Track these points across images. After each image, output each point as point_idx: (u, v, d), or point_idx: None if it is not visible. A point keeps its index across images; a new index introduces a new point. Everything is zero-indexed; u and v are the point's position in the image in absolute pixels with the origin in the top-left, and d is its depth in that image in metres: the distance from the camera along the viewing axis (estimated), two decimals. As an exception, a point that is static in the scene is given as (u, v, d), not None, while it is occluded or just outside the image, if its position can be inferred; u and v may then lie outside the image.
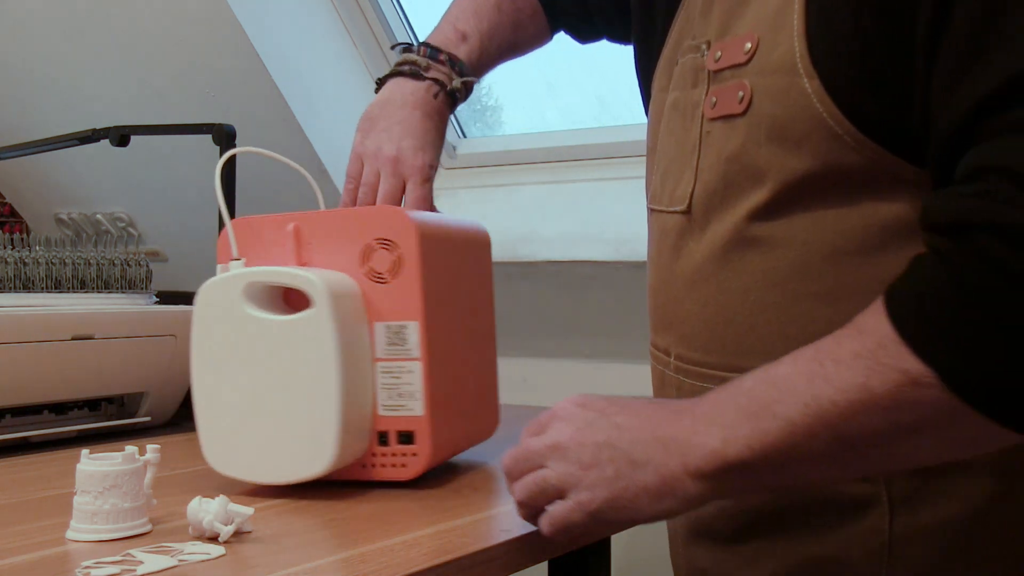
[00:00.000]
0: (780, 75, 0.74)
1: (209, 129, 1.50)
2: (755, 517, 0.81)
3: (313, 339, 0.89)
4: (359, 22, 2.20)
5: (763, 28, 0.76)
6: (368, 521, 0.83)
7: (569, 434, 0.74)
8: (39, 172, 2.45)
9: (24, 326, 1.17)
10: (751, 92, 0.76)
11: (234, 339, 0.91)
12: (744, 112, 0.77)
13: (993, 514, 0.74)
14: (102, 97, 2.25)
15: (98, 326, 1.23)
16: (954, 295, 0.62)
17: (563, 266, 1.90)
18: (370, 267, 0.93)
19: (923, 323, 0.63)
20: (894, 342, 0.63)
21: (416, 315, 0.92)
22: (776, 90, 0.74)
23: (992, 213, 0.62)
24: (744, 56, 0.77)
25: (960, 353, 0.62)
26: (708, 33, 0.83)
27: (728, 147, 0.79)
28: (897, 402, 0.63)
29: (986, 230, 0.62)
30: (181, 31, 2.06)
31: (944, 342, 0.62)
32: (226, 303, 0.91)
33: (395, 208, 0.99)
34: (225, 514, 0.75)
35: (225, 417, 0.92)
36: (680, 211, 0.84)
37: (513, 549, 0.78)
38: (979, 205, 0.62)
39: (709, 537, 0.86)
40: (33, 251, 1.32)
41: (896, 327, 0.64)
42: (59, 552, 0.74)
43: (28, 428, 1.21)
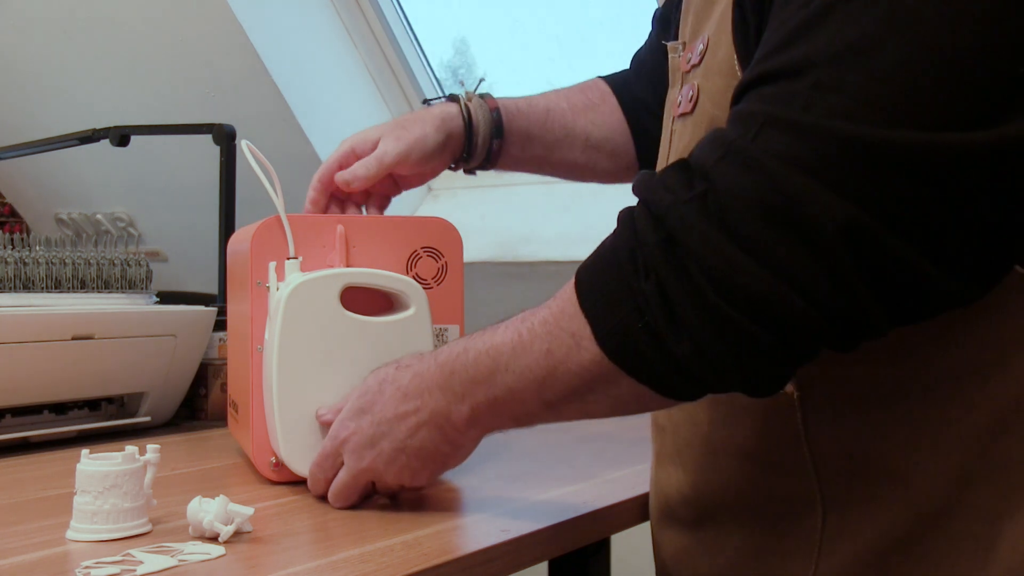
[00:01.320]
0: (720, 76, 0.75)
1: (209, 129, 1.50)
2: (713, 506, 0.82)
3: (412, 339, 0.91)
4: (359, 22, 2.20)
5: (713, 30, 0.77)
6: (368, 521, 0.83)
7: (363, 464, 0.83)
8: (39, 172, 2.45)
9: (24, 326, 1.17)
10: (698, 91, 0.79)
11: (327, 339, 0.90)
12: (692, 111, 0.79)
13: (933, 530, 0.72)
14: (102, 97, 2.25)
15: (98, 326, 1.23)
16: (611, 261, 0.68)
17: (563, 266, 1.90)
18: (416, 273, 0.96)
19: (587, 288, 0.70)
20: (572, 304, 0.70)
21: (457, 319, 0.97)
22: (716, 90, 0.76)
23: (647, 191, 0.68)
24: (699, 57, 0.79)
25: (607, 312, 0.68)
26: (685, 34, 0.85)
27: (680, 145, 0.81)
28: (568, 365, 0.70)
29: (642, 205, 0.68)
30: (181, 31, 2.06)
31: (596, 302, 0.69)
32: (321, 303, 0.90)
33: (442, 220, 1.00)
34: (225, 514, 0.75)
35: (310, 416, 0.90)
36: None
37: (513, 549, 0.78)
38: (646, 183, 0.69)
39: (675, 521, 0.87)
40: (33, 251, 1.32)
41: (576, 290, 0.70)
42: (59, 552, 0.74)
43: (28, 428, 1.21)
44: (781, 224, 0.62)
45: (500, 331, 0.76)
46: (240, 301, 1.01)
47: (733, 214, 0.63)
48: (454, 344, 0.79)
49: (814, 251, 0.61)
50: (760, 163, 0.63)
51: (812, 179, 0.61)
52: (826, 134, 0.61)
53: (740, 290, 0.63)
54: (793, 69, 0.64)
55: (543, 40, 2.34)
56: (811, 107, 0.62)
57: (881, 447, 0.72)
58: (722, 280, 0.63)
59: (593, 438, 1.22)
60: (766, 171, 0.62)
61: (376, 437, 0.82)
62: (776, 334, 0.64)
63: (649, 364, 0.67)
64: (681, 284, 0.64)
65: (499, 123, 1.07)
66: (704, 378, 0.67)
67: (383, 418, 0.81)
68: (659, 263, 0.65)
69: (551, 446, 1.15)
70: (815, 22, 0.64)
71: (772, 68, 0.65)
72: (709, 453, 0.82)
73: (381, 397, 0.82)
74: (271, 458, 0.93)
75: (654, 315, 0.65)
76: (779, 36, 0.66)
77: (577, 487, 0.96)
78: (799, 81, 0.63)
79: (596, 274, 0.70)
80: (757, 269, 0.62)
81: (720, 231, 0.63)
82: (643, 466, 1.02)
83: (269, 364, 0.90)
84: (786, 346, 0.65)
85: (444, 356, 0.79)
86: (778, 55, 0.65)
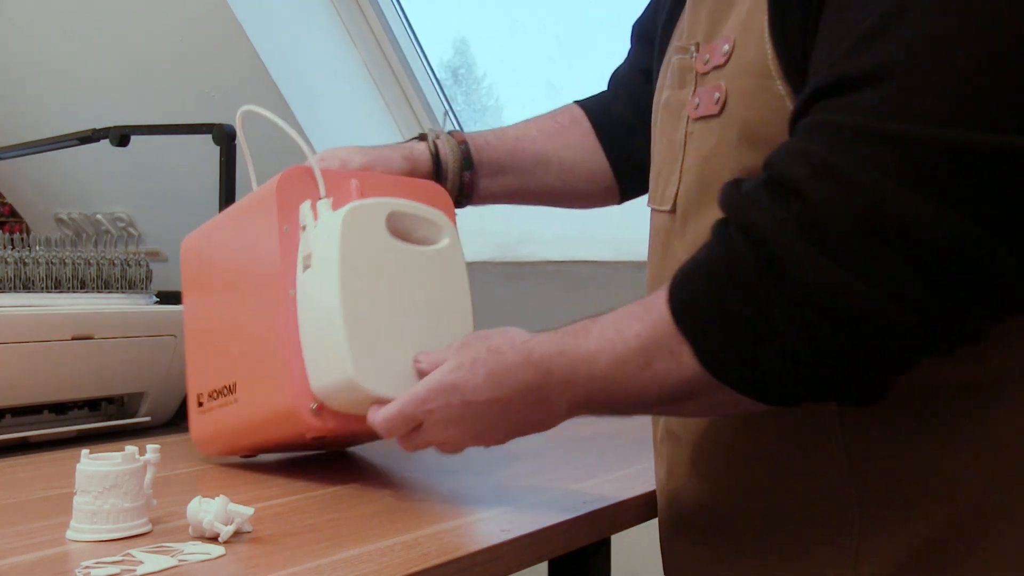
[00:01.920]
0: (752, 77, 0.74)
1: (209, 129, 1.50)
2: (737, 516, 0.82)
3: (449, 269, 0.96)
4: (359, 22, 2.20)
5: (739, 30, 0.76)
6: (368, 521, 0.83)
7: (446, 434, 0.84)
8: (39, 172, 2.45)
9: (24, 326, 1.17)
10: (726, 93, 0.77)
11: (377, 262, 0.92)
12: (719, 113, 0.78)
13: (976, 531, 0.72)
14: (102, 97, 2.25)
15: (98, 326, 1.23)
16: (708, 281, 0.69)
17: (563, 266, 1.90)
18: None
19: (684, 307, 0.70)
20: (667, 322, 0.71)
21: None
22: (748, 92, 0.75)
23: (740, 211, 0.67)
24: (723, 58, 0.78)
25: (707, 333, 0.69)
26: (697, 35, 0.84)
27: (704, 148, 0.80)
28: (668, 379, 0.72)
29: (736, 226, 0.67)
30: (181, 31, 2.06)
31: (696, 323, 0.70)
32: (372, 226, 0.92)
33: (435, 185, 1.03)
34: (225, 514, 0.75)
35: (376, 334, 0.90)
36: (667, 210, 0.85)
37: (513, 549, 0.78)
38: (736, 201, 0.68)
39: (691, 532, 0.86)
40: (33, 251, 1.32)
41: (670, 306, 0.71)
42: (59, 552, 0.74)
43: (28, 428, 1.21)
44: (885, 240, 0.61)
45: (593, 339, 0.76)
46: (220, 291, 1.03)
47: (833, 233, 0.62)
48: (544, 341, 0.79)
49: (922, 266, 0.61)
50: (856, 179, 0.62)
51: (912, 191, 0.60)
52: (919, 142, 0.60)
53: (845, 310, 0.63)
54: (873, 74, 0.62)
55: (543, 40, 2.34)
56: (898, 114, 0.61)
57: (924, 450, 0.72)
58: (826, 300, 0.63)
59: (593, 438, 1.22)
60: (863, 187, 0.61)
61: (465, 416, 0.82)
62: (884, 350, 0.64)
63: (751, 379, 0.69)
64: (785, 307, 0.64)
65: (467, 155, 1.07)
66: (806, 392, 0.69)
67: (475, 400, 0.81)
68: (759, 285, 0.65)
69: (551, 446, 1.15)
70: (890, 23, 0.62)
71: (848, 74, 0.64)
72: (735, 462, 0.82)
73: (474, 377, 0.81)
74: (311, 404, 0.91)
75: (756, 335, 0.66)
76: (850, 39, 0.64)
77: (577, 487, 0.96)
78: (882, 87, 0.62)
79: (692, 292, 0.70)
80: (863, 287, 0.62)
81: (821, 251, 0.63)
82: (643, 466, 1.02)
83: (324, 290, 0.89)
84: (893, 360, 0.65)
85: (538, 355, 0.78)
86: (852, 60, 0.64)
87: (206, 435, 1.06)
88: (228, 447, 1.06)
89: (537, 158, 1.11)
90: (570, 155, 1.12)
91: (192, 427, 1.07)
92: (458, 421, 0.83)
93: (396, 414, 0.85)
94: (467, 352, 0.83)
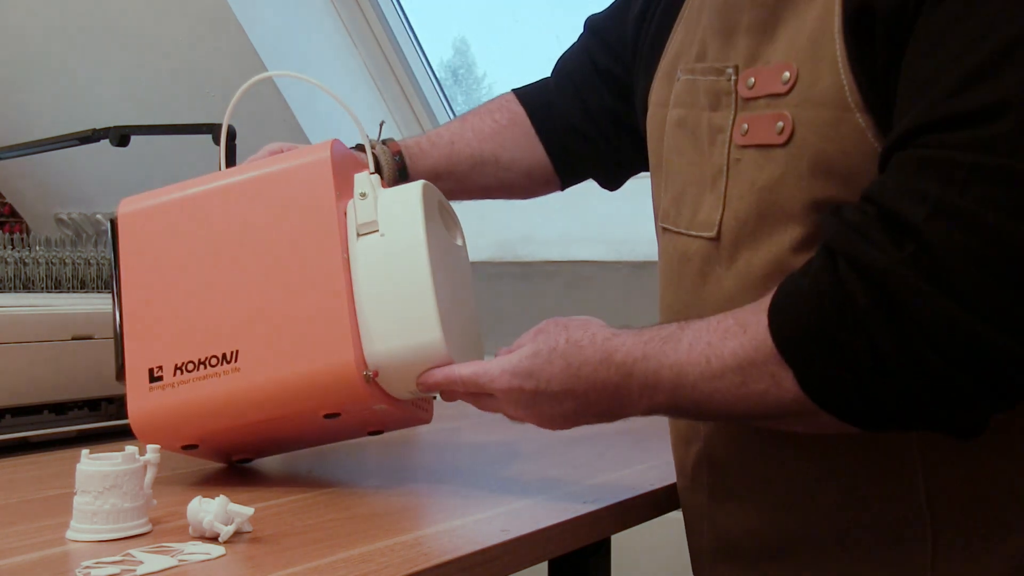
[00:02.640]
0: (827, 108, 0.73)
1: (209, 129, 1.50)
2: (794, 541, 0.81)
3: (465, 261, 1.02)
4: (359, 22, 2.20)
5: (801, 57, 0.75)
6: (368, 521, 0.83)
7: (515, 411, 0.85)
8: (39, 172, 2.45)
9: (24, 326, 1.16)
10: (792, 123, 0.76)
11: (433, 239, 0.93)
12: (785, 143, 0.76)
13: None
14: (102, 97, 2.25)
15: (98, 326, 1.23)
16: (815, 311, 0.69)
17: (563, 266, 1.90)
18: None
19: (789, 333, 0.70)
20: (768, 346, 0.71)
21: None
22: (823, 123, 0.74)
23: (850, 245, 0.67)
24: (783, 86, 0.76)
25: (812, 364, 0.70)
26: (733, 57, 0.81)
27: (762, 177, 0.78)
28: (766, 400, 0.73)
29: (846, 260, 0.67)
30: (181, 31, 2.06)
31: (801, 353, 0.70)
32: (433, 205, 0.96)
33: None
34: (225, 514, 0.75)
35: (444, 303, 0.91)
36: (707, 237, 0.83)
37: (513, 549, 0.78)
38: (845, 234, 0.68)
39: (736, 557, 0.86)
40: (33, 251, 1.32)
41: (771, 330, 0.71)
42: (59, 552, 0.74)
43: (28, 428, 1.21)
44: (1003, 280, 0.62)
45: (684, 348, 0.76)
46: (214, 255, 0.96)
47: (955, 274, 0.63)
48: (628, 342, 0.79)
49: None
50: (977, 219, 0.62)
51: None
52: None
53: (964, 350, 0.63)
54: (988, 111, 0.62)
55: (544, 39, 2.34)
56: (1019, 151, 0.61)
57: (1004, 475, 0.73)
58: (946, 342, 0.64)
59: (593, 438, 1.22)
60: (984, 227, 0.62)
61: (535, 402, 0.83)
62: (999, 389, 0.65)
63: (854, 408, 0.70)
64: (900, 344, 0.65)
65: (402, 166, 1.08)
66: (912, 421, 0.70)
67: (549, 389, 0.82)
68: (874, 324, 0.66)
69: (551, 446, 1.15)
70: (1003, 59, 0.62)
71: (960, 110, 0.63)
72: (795, 486, 0.81)
73: (550, 367, 0.81)
74: (365, 371, 0.89)
75: (865, 368, 0.67)
76: (955, 75, 0.64)
77: (577, 487, 0.96)
78: (999, 123, 0.62)
79: (798, 321, 0.70)
80: (982, 328, 0.63)
81: (942, 292, 0.63)
82: (643, 466, 1.02)
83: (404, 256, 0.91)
84: (1007, 398, 0.66)
85: (620, 356, 0.79)
86: (964, 96, 0.63)
87: (161, 417, 0.94)
88: (197, 431, 0.95)
89: (473, 160, 1.11)
90: (507, 155, 1.12)
91: (136, 408, 0.94)
92: (527, 405, 0.84)
93: (465, 377, 0.86)
94: (545, 340, 0.83)
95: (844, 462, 0.79)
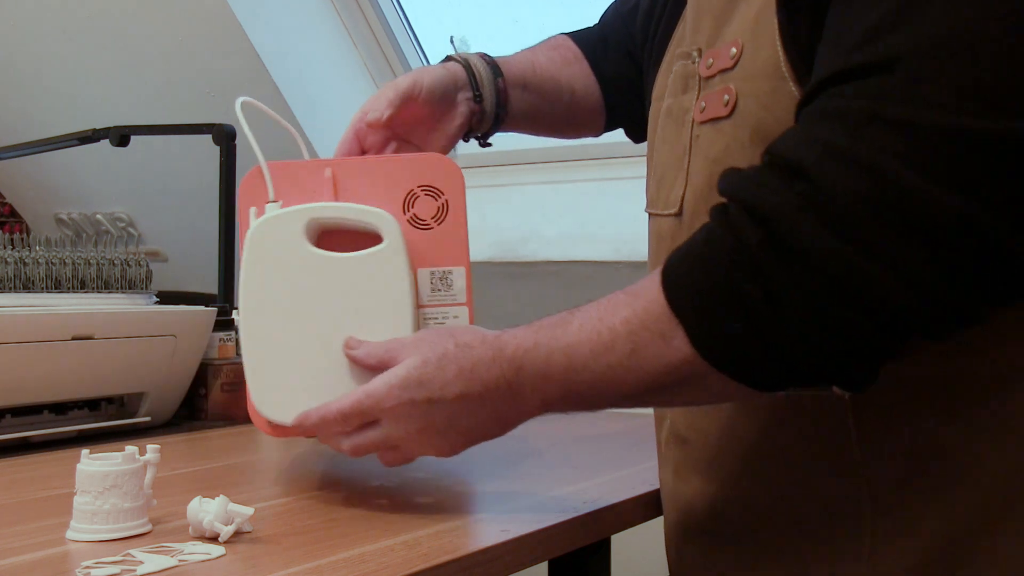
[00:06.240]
0: (766, 79, 0.75)
1: (209, 129, 1.50)
2: (752, 516, 0.81)
3: (385, 275, 0.87)
4: (359, 22, 2.20)
5: (747, 34, 0.77)
6: (368, 521, 0.83)
7: (404, 433, 0.81)
8: (39, 172, 2.45)
9: (24, 326, 1.17)
10: (736, 95, 0.77)
11: (292, 278, 0.87)
12: (729, 115, 0.78)
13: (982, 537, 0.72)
14: (102, 97, 2.25)
15: (98, 326, 1.23)
16: (708, 261, 0.68)
17: (563, 266, 1.90)
18: (414, 214, 0.92)
19: (679, 289, 0.70)
20: (660, 304, 0.71)
21: (462, 260, 0.92)
22: (762, 94, 0.75)
23: (742, 190, 0.68)
24: (731, 61, 0.78)
25: (703, 315, 0.69)
26: (699, 40, 0.84)
27: (714, 150, 0.80)
28: (656, 364, 0.71)
29: (737, 205, 0.68)
30: (181, 31, 2.06)
31: (691, 303, 0.69)
32: (285, 240, 0.87)
33: (440, 155, 0.97)
34: (225, 514, 0.75)
35: (279, 360, 0.87)
36: (672, 214, 0.85)
37: (513, 549, 0.78)
38: (737, 182, 0.69)
39: (702, 535, 0.86)
40: (33, 251, 1.32)
41: (663, 288, 0.71)
42: (59, 552, 0.74)
43: (28, 428, 1.21)
44: (891, 221, 0.62)
45: (573, 330, 0.75)
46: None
47: (842, 214, 0.63)
48: (518, 334, 0.78)
49: (926, 246, 0.62)
50: (863, 161, 0.63)
51: (917, 174, 0.62)
52: (932, 129, 0.62)
53: (852, 288, 0.63)
54: (882, 63, 0.64)
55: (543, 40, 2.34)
56: (906, 101, 0.62)
57: (939, 444, 0.73)
58: (834, 280, 0.64)
59: (593, 438, 1.22)
60: (871, 168, 0.63)
61: (430, 413, 0.79)
62: (886, 329, 0.65)
63: (747, 363, 0.69)
64: (791, 285, 0.65)
65: (494, 64, 1.07)
66: (803, 373, 0.69)
67: (443, 397, 0.78)
68: (765, 264, 0.65)
69: (551, 445, 1.15)
70: (903, 13, 0.64)
71: (860, 62, 0.65)
72: (749, 461, 0.82)
73: (441, 374, 0.78)
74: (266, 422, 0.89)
75: (759, 315, 0.66)
76: (860, 29, 0.65)
77: (577, 487, 0.96)
78: (891, 75, 0.63)
79: (689, 274, 0.70)
80: (869, 267, 0.63)
81: (831, 231, 0.63)
82: (643, 466, 1.02)
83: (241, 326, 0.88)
84: (892, 339, 0.66)
85: (511, 349, 0.77)
86: (864, 49, 0.65)
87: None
88: None
89: (553, 83, 1.11)
90: (579, 87, 1.12)
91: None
92: (419, 419, 0.79)
93: (346, 410, 0.81)
94: (432, 348, 0.80)
95: (787, 439, 0.79)
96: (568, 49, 1.14)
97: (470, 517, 0.85)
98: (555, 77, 1.11)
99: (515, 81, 1.08)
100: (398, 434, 0.81)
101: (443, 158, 0.94)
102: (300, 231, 0.87)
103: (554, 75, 1.11)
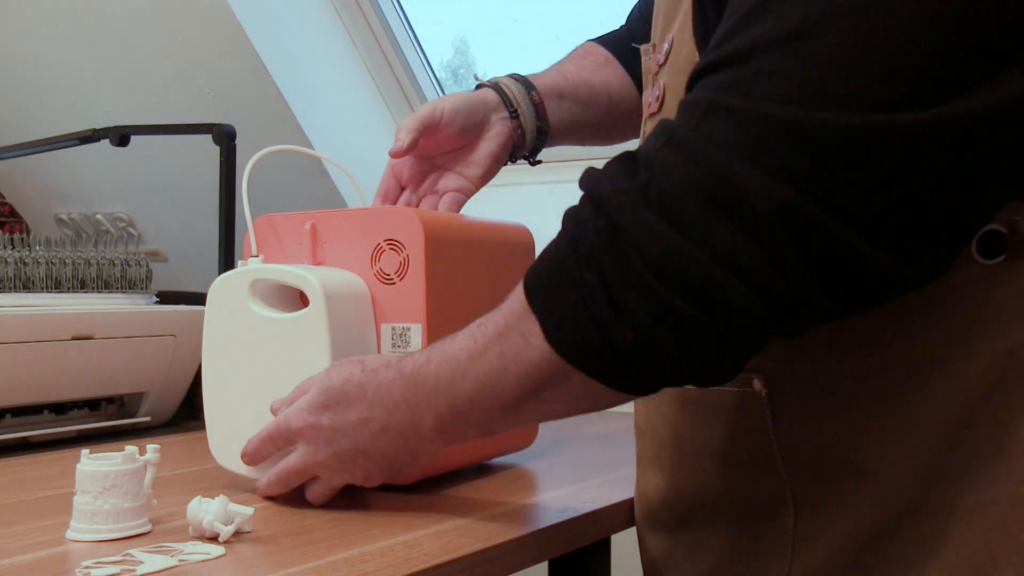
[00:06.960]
0: (684, 74, 0.75)
1: (209, 129, 1.50)
2: (691, 509, 0.82)
3: (309, 337, 0.89)
4: (359, 22, 2.20)
5: (679, 29, 0.78)
6: (368, 521, 0.83)
7: (318, 459, 0.84)
8: (39, 172, 2.45)
9: (24, 326, 1.17)
10: (664, 90, 0.79)
11: (240, 335, 0.92)
12: (659, 110, 0.79)
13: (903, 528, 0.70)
14: (102, 97, 2.25)
15: (98, 326, 1.23)
16: (555, 254, 0.69)
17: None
18: (379, 268, 0.93)
19: (534, 285, 0.70)
20: (521, 303, 0.70)
21: (419, 317, 0.91)
22: (681, 88, 0.75)
23: (592, 183, 0.68)
24: (664, 57, 0.80)
25: (552, 305, 0.68)
26: (655, 37, 0.85)
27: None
28: (520, 366, 0.70)
29: (585, 197, 0.68)
30: (181, 31, 2.06)
31: (541, 296, 0.69)
32: (234, 299, 0.92)
33: (406, 209, 0.98)
34: (225, 514, 0.75)
35: (230, 413, 0.93)
36: None
37: (513, 549, 0.78)
38: (592, 178, 0.69)
39: (658, 525, 0.86)
40: (33, 251, 1.32)
41: (523, 286, 0.70)
42: (59, 552, 0.74)
43: (28, 428, 1.21)
44: (719, 209, 0.62)
45: (458, 339, 0.76)
46: None
47: (672, 200, 0.63)
48: (419, 354, 0.79)
49: (752, 234, 0.61)
50: (699, 149, 0.63)
51: (748, 163, 0.62)
52: (763, 119, 0.62)
53: (680, 275, 0.63)
54: (738, 57, 0.64)
55: (543, 40, 2.34)
56: (751, 93, 0.63)
57: (849, 444, 0.72)
58: (663, 266, 0.63)
59: (593, 438, 1.22)
60: (704, 157, 0.63)
61: (336, 436, 0.82)
62: (719, 319, 0.64)
63: (596, 356, 0.67)
64: (622, 272, 0.64)
65: (525, 80, 1.07)
66: (650, 368, 0.67)
67: (346, 420, 0.82)
68: (599, 251, 0.65)
69: (551, 446, 1.15)
70: (759, 10, 0.64)
71: (718, 57, 0.66)
72: (685, 455, 0.82)
73: (344, 398, 0.81)
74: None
75: (597, 305, 0.66)
76: (727, 26, 0.66)
77: (577, 487, 0.96)
78: (743, 68, 0.64)
79: (542, 270, 0.70)
80: (697, 254, 0.62)
81: (659, 217, 0.63)
82: (643, 466, 1.02)
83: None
84: (730, 332, 0.64)
85: (409, 367, 0.79)
86: (725, 44, 0.66)
87: None
88: None
89: (587, 87, 1.11)
90: (615, 89, 1.12)
91: None
92: (327, 443, 0.83)
93: (264, 435, 0.87)
94: (339, 373, 0.83)
95: (717, 435, 0.78)
96: (598, 53, 1.14)
97: (470, 517, 0.85)
98: (588, 81, 1.11)
99: (549, 92, 1.08)
100: (313, 459, 0.84)
101: (408, 211, 0.93)
102: (246, 290, 0.92)
103: (587, 80, 1.11)
